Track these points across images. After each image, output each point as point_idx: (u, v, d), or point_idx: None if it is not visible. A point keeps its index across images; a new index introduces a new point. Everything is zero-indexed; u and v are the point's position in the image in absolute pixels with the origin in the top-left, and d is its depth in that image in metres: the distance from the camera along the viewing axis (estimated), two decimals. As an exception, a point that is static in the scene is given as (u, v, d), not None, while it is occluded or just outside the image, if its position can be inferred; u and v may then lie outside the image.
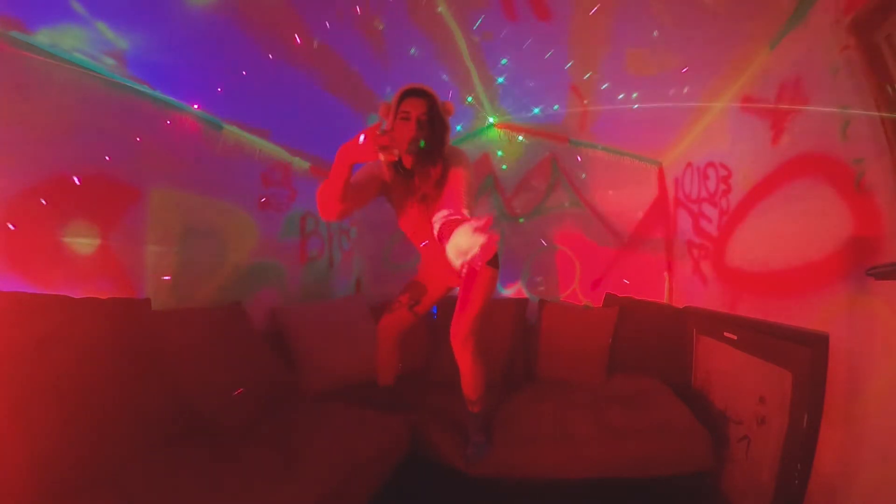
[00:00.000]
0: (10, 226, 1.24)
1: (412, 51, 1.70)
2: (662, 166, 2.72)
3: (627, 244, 2.77)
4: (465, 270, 1.58)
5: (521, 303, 2.47)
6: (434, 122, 1.39)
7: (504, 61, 2.00)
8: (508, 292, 2.90)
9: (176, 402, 1.43)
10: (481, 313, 1.63)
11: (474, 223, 1.00)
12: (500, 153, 2.86)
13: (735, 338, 1.71)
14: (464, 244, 1.01)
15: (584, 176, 2.81)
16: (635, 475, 1.62)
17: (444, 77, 2.10)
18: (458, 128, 2.73)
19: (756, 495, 1.48)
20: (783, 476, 1.35)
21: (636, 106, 2.11)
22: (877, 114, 1.10)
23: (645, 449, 1.63)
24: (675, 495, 1.66)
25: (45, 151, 1.33)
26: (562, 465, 1.63)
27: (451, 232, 1.07)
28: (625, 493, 1.65)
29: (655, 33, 1.62)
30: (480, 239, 0.99)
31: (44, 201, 1.32)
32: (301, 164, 2.52)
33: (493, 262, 1.66)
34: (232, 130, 2.03)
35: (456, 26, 1.77)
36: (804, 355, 1.30)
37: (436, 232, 1.22)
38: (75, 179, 1.42)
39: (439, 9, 1.66)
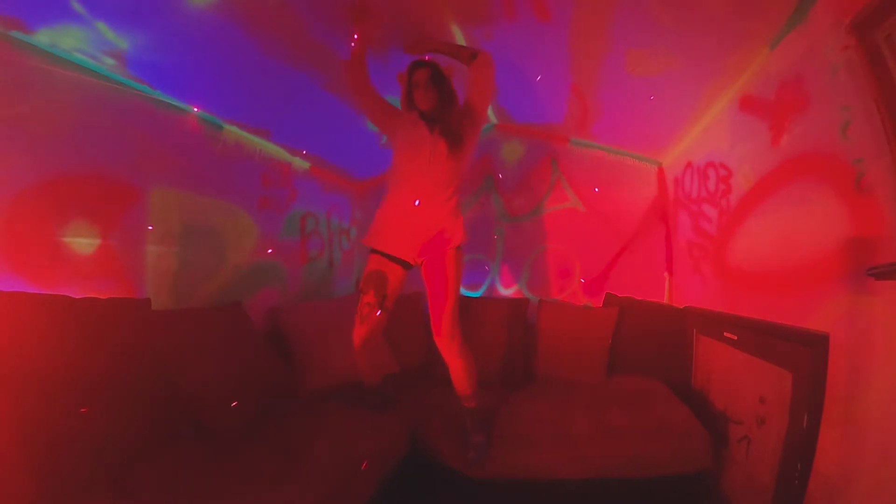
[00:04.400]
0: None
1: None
2: (662, 166, 2.72)
3: (627, 244, 2.77)
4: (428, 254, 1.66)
5: (521, 303, 2.47)
6: (439, 83, 1.69)
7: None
8: (508, 292, 2.90)
9: (176, 402, 1.43)
10: (457, 299, 1.66)
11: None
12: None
13: (735, 338, 1.71)
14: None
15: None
16: (635, 475, 1.62)
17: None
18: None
19: (756, 495, 1.48)
20: (783, 476, 1.35)
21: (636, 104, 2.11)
22: (877, 114, 1.10)
23: (645, 449, 1.63)
24: (675, 495, 1.66)
25: (45, 151, 1.33)
26: (562, 465, 1.63)
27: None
28: (625, 493, 1.65)
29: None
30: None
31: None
32: (301, 164, 2.52)
33: (458, 246, 1.71)
34: (232, 130, 2.03)
35: (456, 26, 1.77)
36: (804, 355, 1.30)
37: None
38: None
39: (440, 8, 1.66)
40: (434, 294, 1.66)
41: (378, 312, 1.68)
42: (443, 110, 1.68)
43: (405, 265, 1.74)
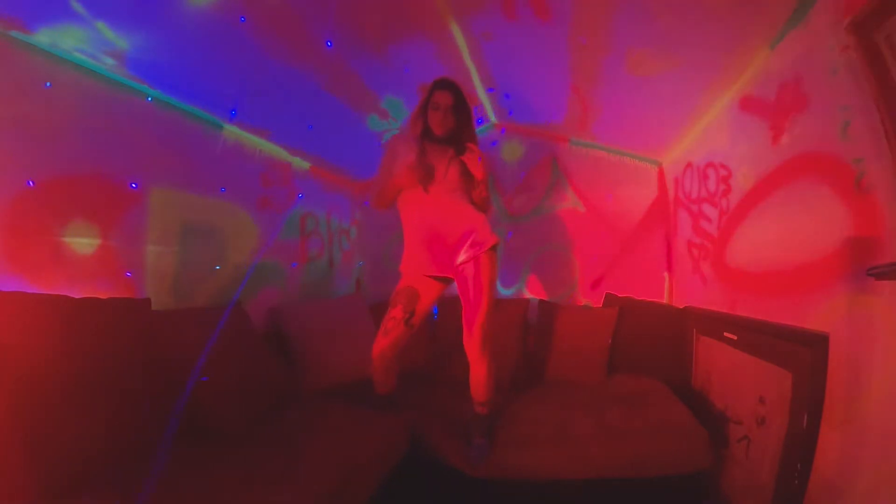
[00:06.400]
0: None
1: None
2: (662, 166, 2.72)
3: (627, 244, 2.77)
4: (462, 258, 1.61)
5: (521, 303, 2.47)
6: (460, 111, 1.67)
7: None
8: (508, 292, 2.90)
9: (176, 402, 1.43)
10: (491, 305, 1.64)
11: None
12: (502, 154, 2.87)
13: (735, 338, 1.71)
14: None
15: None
16: (635, 475, 1.62)
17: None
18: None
19: (756, 495, 1.48)
20: (783, 476, 1.35)
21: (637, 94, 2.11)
22: (877, 114, 1.10)
23: (645, 449, 1.63)
24: (675, 495, 1.66)
25: (45, 151, 1.33)
26: (562, 465, 1.63)
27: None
28: (625, 494, 1.65)
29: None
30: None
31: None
32: (301, 164, 2.52)
33: (492, 247, 1.72)
34: (232, 130, 2.03)
35: (456, 26, 1.77)
36: (804, 355, 1.30)
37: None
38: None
39: (439, 8, 1.66)
40: (468, 300, 1.65)
41: (403, 328, 1.71)
42: (458, 135, 1.69)
43: (444, 280, 1.77)
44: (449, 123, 1.67)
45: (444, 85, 1.67)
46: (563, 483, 1.64)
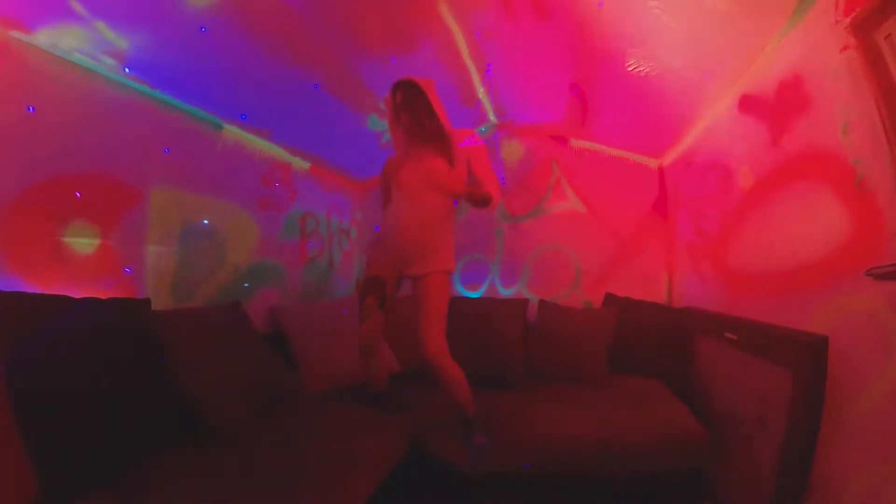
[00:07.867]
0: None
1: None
2: (662, 166, 2.72)
3: (627, 244, 2.77)
4: (415, 274, 1.73)
5: (521, 303, 2.47)
6: (417, 101, 1.67)
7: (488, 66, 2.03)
8: (508, 292, 2.90)
9: (176, 402, 1.43)
10: (438, 325, 1.68)
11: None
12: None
13: (735, 338, 1.71)
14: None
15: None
16: (635, 475, 1.62)
17: (445, 77, 2.10)
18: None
19: (756, 495, 1.48)
20: (783, 476, 1.35)
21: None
22: (877, 114, 1.11)
23: (645, 449, 1.63)
24: (674, 494, 1.66)
25: (45, 151, 1.33)
26: (562, 465, 1.63)
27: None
28: (624, 493, 1.65)
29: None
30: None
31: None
32: (301, 164, 2.52)
33: (444, 271, 1.77)
34: (232, 130, 2.03)
35: (456, 26, 1.77)
36: (804, 355, 1.30)
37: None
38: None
39: (440, 8, 1.66)
40: (420, 312, 1.70)
41: (379, 314, 1.74)
42: (423, 126, 1.70)
43: (400, 277, 1.80)
44: (414, 119, 1.69)
45: (394, 87, 1.69)
46: (563, 483, 1.64)
